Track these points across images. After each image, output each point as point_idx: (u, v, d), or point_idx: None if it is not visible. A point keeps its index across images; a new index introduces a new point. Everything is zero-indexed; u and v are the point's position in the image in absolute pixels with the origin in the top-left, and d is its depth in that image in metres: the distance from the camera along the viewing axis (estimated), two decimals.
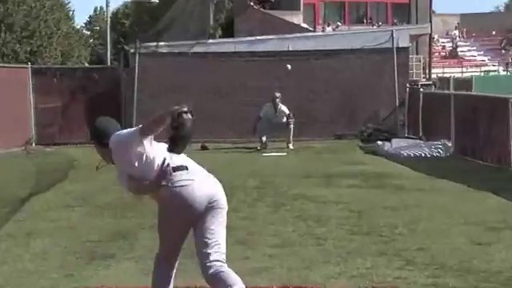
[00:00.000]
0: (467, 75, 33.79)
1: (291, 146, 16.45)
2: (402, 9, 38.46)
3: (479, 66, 39.67)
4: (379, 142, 15.87)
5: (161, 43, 19.32)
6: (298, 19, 29.50)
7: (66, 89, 18.91)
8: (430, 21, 32.16)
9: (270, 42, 19.42)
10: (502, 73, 38.09)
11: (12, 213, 8.84)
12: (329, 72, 18.86)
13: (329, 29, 33.96)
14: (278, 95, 16.52)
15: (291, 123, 16.52)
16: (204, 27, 20.45)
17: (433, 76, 32.31)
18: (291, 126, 16.49)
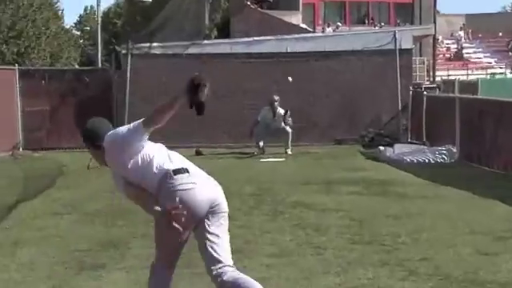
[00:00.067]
0: (473, 78, 33.80)
1: (290, 152, 16.46)
2: (405, 9, 38.56)
3: (485, 69, 39.72)
4: (381, 148, 15.88)
5: (154, 44, 19.34)
6: (297, 19, 29.55)
7: (55, 91, 18.90)
8: (435, 21, 32.26)
9: (268, 43, 19.45)
10: (509, 75, 38.13)
11: None
12: (329, 74, 18.90)
13: (329, 29, 34.05)
14: (277, 98, 16.50)
15: (289, 122, 16.45)
16: (199, 27, 20.47)
17: (437, 79, 32.35)
18: (289, 130, 16.48)
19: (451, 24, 44.55)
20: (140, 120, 4.27)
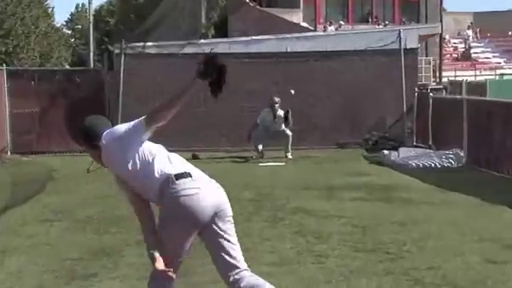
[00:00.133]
0: (481, 79, 33.82)
1: (290, 156, 16.45)
2: (411, 7, 38.63)
3: (494, 69, 39.74)
4: (385, 152, 15.89)
5: (148, 43, 19.33)
6: (298, 18, 29.65)
7: (45, 93, 18.87)
8: (441, 20, 32.32)
9: (268, 43, 19.45)
10: None
11: None
12: (330, 75, 18.90)
13: (331, 28, 34.07)
14: (278, 100, 16.45)
15: (290, 122, 16.39)
16: (195, 26, 20.48)
17: (444, 80, 32.38)
18: (289, 133, 16.46)
19: (458, 22, 44.60)
20: (141, 118, 4.24)
